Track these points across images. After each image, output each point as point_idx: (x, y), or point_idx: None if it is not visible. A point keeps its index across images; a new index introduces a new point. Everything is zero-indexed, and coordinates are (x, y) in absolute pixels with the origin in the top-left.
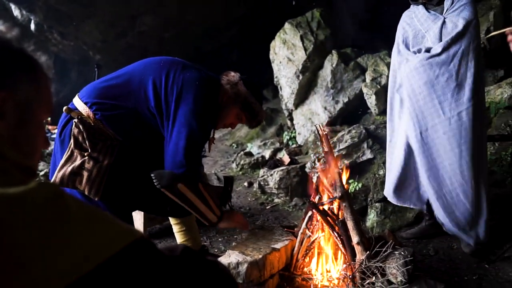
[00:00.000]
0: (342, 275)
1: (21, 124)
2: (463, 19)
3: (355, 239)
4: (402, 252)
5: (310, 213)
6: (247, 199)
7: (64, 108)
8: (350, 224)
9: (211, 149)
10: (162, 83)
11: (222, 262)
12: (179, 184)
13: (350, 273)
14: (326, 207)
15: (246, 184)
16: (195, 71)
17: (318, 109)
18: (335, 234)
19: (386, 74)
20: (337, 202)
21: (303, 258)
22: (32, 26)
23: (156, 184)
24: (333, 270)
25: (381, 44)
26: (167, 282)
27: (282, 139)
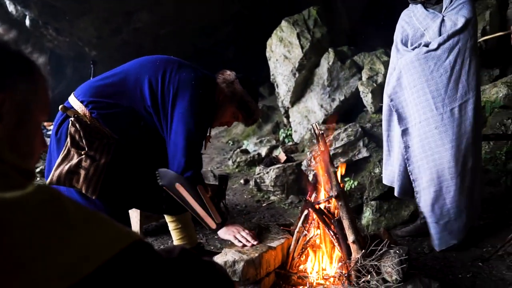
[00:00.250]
0: (338, 273)
1: (19, 126)
2: (462, 17)
3: (350, 238)
4: (397, 251)
5: (306, 211)
6: (243, 197)
7: (60, 107)
8: (346, 223)
9: (207, 146)
10: (159, 83)
11: (219, 261)
12: (176, 184)
13: (345, 271)
14: (322, 206)
15: (242, 181)
16: (191, 70)
17: (315, 107)
18: (331, 232)
19: (382, 73)
20: (333, 201)
21: (299, 256)
22: (27, 22)
23: (158, 181)
24: (328, 268)
25: (377, 42)
26: (165, 284)
27: (278, 136)
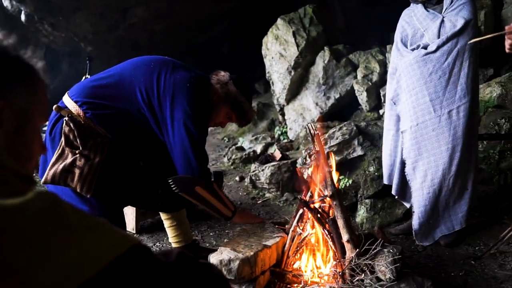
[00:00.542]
0: (332, 272)
1: (18, 131)
2: (462, 19)
3: (345, 237)
4: (391, 250)
5: (301, 211)
6: (239, 194)
7: (54, 107)
8: (341, 222)
9: None
10: (154, 86)
11: (214, 259)
12: (196, 188)
13: (340, 270)
14: (317, 205)
15: (237, 178)
16: (185, 71)
17: (310, 104)
18: (325, 231)
19: (378, 71)
20: (328, 201)
21: (294, 255)
22: (23, 17)
23: (174, 189)
24: (323, 267)
25: (373, 41)
26: None
27: (273, 134)
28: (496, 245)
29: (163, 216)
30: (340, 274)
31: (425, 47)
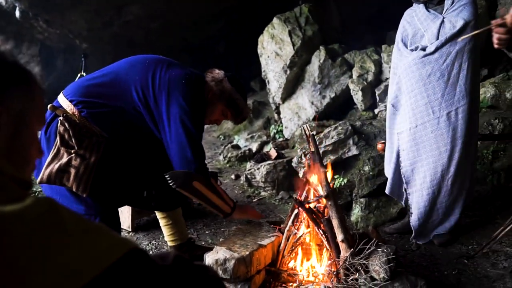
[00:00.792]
0: (327, 271)
1: (16, 136)
2: (461, 20)
3: (339, 237)
4: (384, 250)
5: (296, 211)
6: (234, 192)
7: (49, 106)
8: (335, 222)
9: None
10: (149, 83)
11: (210, 258)
12: (194, 182)
13: (334, 269)
14: (312, 205)
15: (233, 176)
16: (180, 69)
17: (305, 103)
18: (320, 231)
19: (373, 71)
20: (323, 201)
21: (289, 254)
22: (17, 13)
23: (171, 184)
24: (318, 266)
25: (368, 41)
26: None
27: (269, 132)
28: (488, 244)
29: (159, 214)
30: (334, 273)
31: (423, 49)
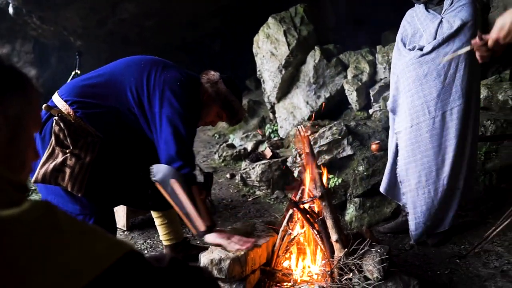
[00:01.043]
0: (321, 271)
1: (12, 140)
2: (459, 20)
3: (334, 237)
4: (378, 250)
5: (291, 211)
6: (229, 191)
7: (44, 106)
8: (330, 223)
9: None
10: (144, 85)
11: (205, 258)
12: (171, 180)
13: (328, 269)
14: (307, 206)
15: (228, 175)
16: (175, 71)
17: (300, 103)
18: (314, 231)
19: (367, 72)
20: (317, 201)
21: (284, 254)
22: (11, 10)
23: (152, 176)
24: (312, 266)
25: (363, 41)
26: None
27: (264, 131)
28: (480, 244)
29: (154, 214)
30: (328, 273)
31: (421, 48)
